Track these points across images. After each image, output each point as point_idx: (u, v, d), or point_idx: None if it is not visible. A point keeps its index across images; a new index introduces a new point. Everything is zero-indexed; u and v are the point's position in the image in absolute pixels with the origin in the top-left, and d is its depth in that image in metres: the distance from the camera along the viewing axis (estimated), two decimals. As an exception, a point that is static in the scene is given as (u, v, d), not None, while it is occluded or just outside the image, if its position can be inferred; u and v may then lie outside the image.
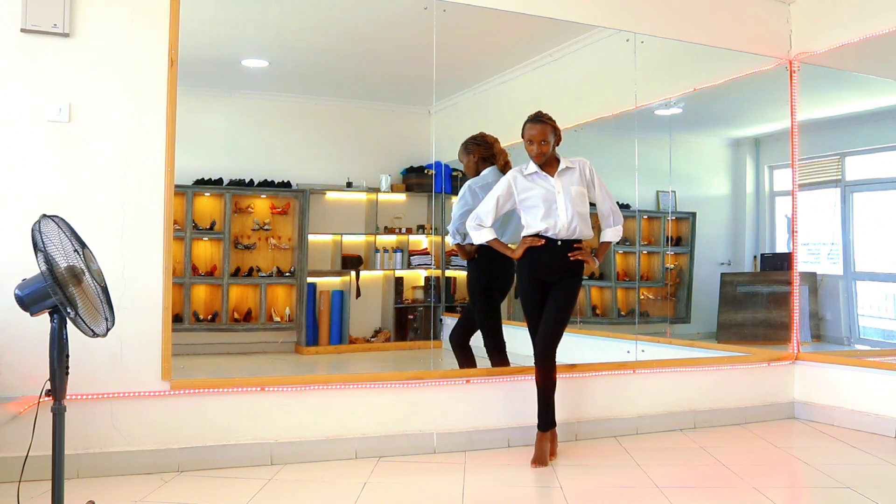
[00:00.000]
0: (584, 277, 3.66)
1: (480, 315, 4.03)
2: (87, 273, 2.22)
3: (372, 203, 5.68)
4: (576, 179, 3.57)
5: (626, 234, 5.44)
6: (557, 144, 3.59)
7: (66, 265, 2.16)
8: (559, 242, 3.53)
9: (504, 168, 4.07)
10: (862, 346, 5.14)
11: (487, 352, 4.02)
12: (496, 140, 4.16)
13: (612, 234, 3.69)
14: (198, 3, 3.54)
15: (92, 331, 2.24)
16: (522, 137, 3.59)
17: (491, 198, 3.63)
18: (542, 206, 3.52)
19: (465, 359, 4.02)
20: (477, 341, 4.04)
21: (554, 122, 3.57)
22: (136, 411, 3.23)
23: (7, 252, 3.02)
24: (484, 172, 4.11)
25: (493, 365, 3.96)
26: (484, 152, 4.12)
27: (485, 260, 3.98)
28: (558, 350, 3.52)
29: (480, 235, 3.63)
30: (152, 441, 3.24)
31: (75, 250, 2.21)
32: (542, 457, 3.43)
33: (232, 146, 5.16)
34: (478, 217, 3.63)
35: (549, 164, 3.59)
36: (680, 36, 4.45)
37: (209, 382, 3.38)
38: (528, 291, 3.61)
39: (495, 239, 3.63)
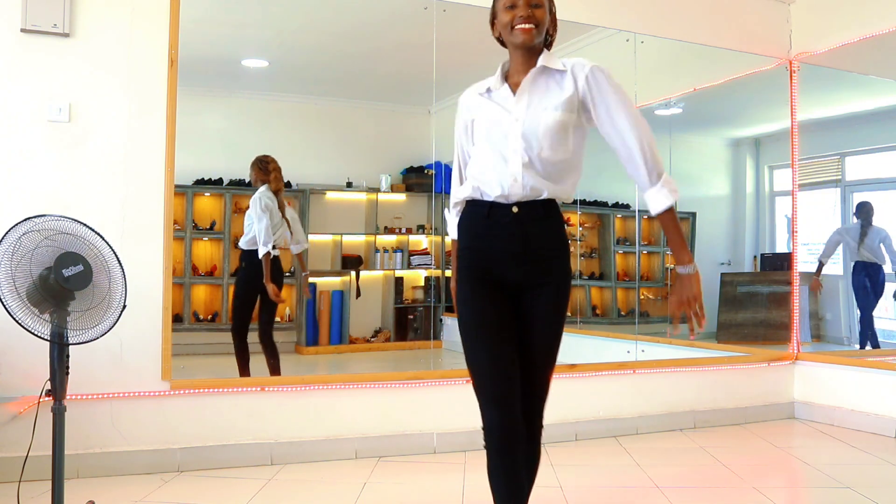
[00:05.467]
0: (587, 278, 3.55)
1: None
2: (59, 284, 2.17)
3: (372, 203, 5.67)
4: (558, 97, 1.92)
5: (626, 234, 5.44)
6: (553, 32, 2.07)
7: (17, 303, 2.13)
8: (514, 208, 1.92)
9: (276, 192, 4.42)
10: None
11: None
12: (277, 169, 4.48)
13: (660, 195, 1.87)
14: (198, 3, 3.53)
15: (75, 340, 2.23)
16: (493, 13, 2.04)
17: (455, 154, 2.14)
18: (484, 145, 1.97)
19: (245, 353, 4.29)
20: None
21: None
22: (136, 411, 3.23)
23: (7, 252, 3.02)
24: (261, 189, 4.42)
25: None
26: (262, 175, 4.47)
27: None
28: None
29: (450, 227, 2.16)
30: (152, 441, 3.24)
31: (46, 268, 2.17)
32: None
33: (232, 146, 5.14)
34: (453, 196, 2.12)
35: (526, 62, 1.98)
36: (680, 36, 4.45)
37: (209, 382, 3.38)
38: (472, 300, 1.99)
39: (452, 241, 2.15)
